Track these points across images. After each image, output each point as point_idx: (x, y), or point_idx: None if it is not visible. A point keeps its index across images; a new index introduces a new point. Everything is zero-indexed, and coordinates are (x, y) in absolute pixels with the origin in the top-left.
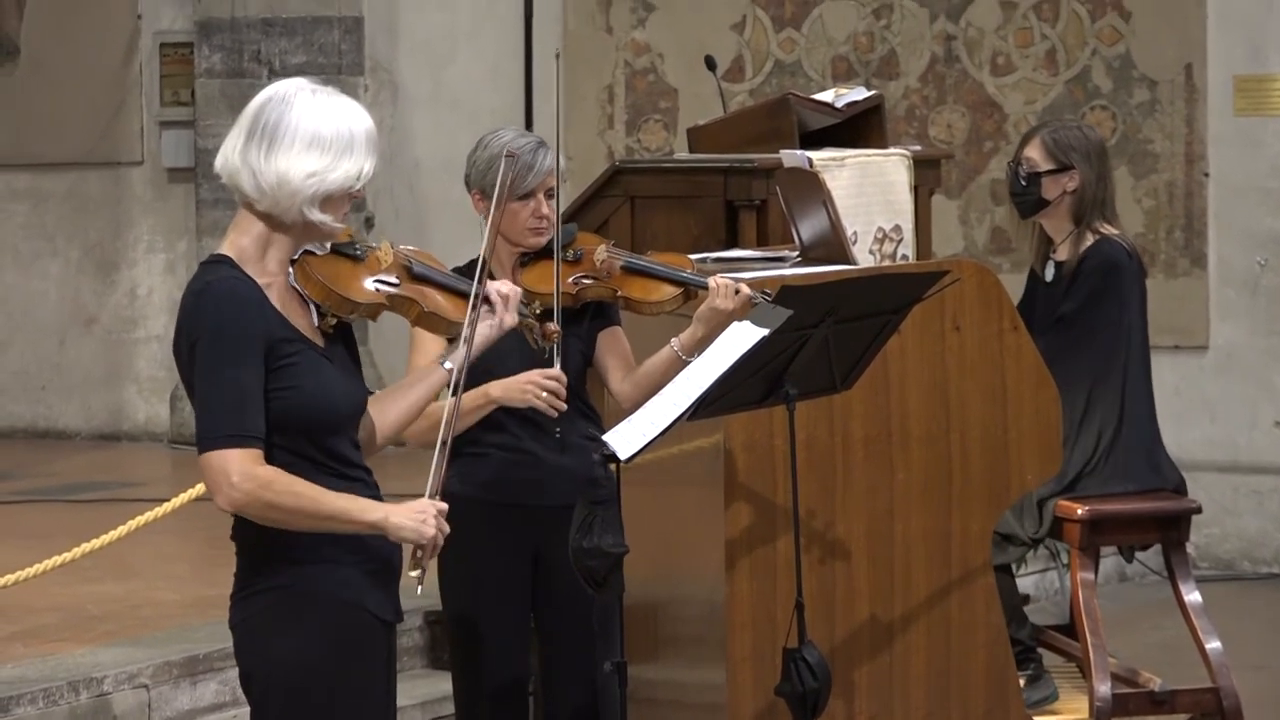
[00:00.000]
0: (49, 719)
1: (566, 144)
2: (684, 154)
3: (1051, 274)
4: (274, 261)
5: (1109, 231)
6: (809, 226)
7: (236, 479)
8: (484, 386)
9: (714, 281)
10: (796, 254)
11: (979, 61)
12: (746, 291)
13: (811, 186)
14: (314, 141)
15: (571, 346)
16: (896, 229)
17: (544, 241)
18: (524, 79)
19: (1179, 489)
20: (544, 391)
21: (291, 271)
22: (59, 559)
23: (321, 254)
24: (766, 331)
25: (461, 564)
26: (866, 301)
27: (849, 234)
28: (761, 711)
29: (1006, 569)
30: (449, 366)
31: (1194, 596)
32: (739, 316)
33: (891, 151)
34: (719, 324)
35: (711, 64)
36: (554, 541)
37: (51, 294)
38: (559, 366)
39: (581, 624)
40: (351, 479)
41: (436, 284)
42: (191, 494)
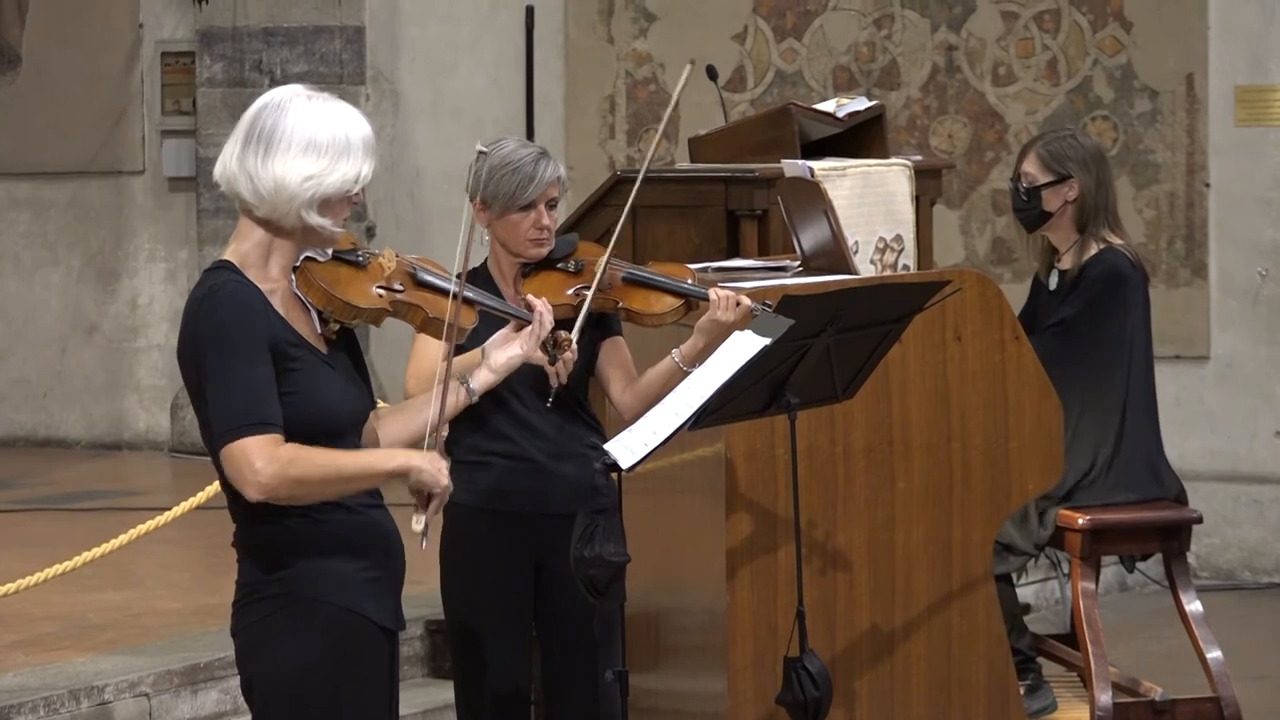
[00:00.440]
0: None
1: (568, 154)
2: (685, 164)
3: (1055, 282)
4: (276, 268)
5: (1113, 240)
6: (810, 236)
7: (260, 464)
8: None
9: (714, 293)
10: (798, 264)
11: (980, 72)
12: (747, 303)
13: (813, 196)
14: (310, 146)
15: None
16: (898, 239)
17: (545, 253)
18: (525, 89)
19: (1180, 498)
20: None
21: (294, 278)
22: (60, 567)
23: (324, 260)
24: (768, 341)
25: (463, 572)
26: (868, 311)
27: (850, 244)
28: None
29: (1006, 578)
30: (472, 388)
31: (1195, 606)
32: (740, 328)
33: (893, 161)
34: (720, 336)
35: (713, 74)
36: (555, 550)
37: (53, 303)
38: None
39: (583, 633)
40: None
41: (441, 290)
42: (192, 503)
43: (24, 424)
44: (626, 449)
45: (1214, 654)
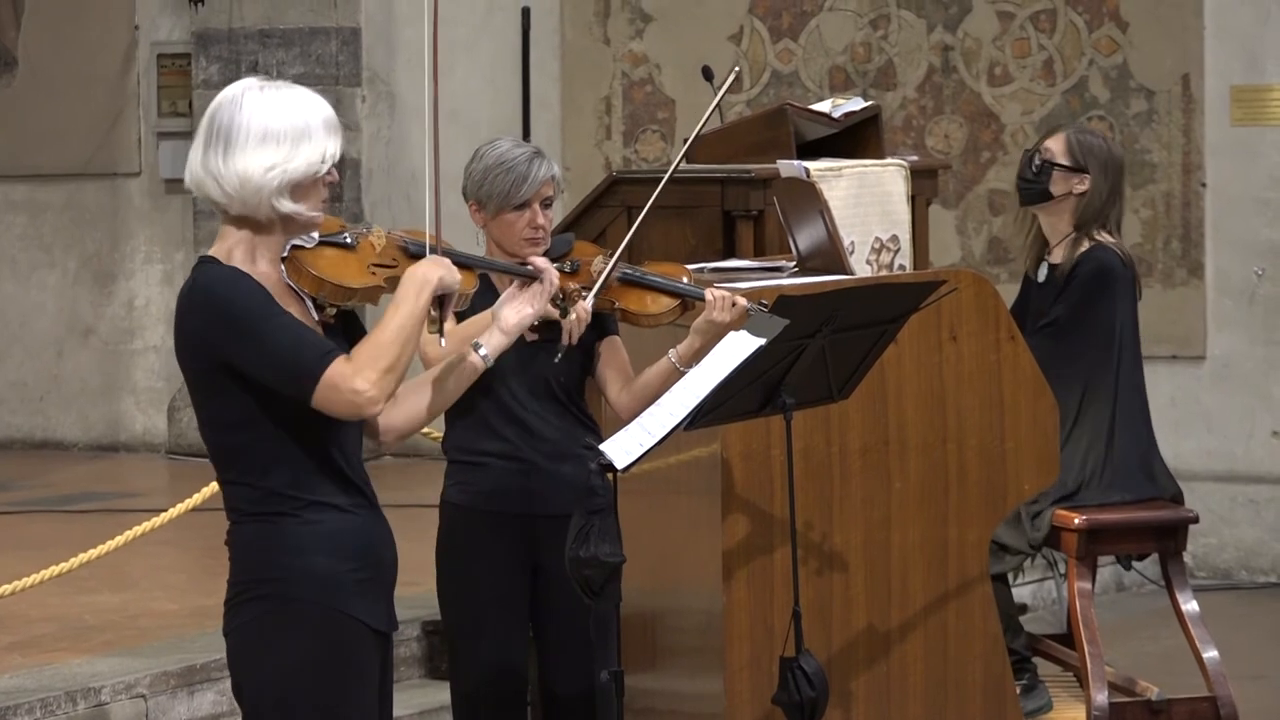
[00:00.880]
0: None
1: (564, 155)
2: (681, 164)
3: (1044, 275)
4: (264, 263)
5: (1105, 239)
6: (806, 236)
7: (358, 384)
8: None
9: (710, 294)
10: (794, 264)
11: (976, 72)
12: (743, 304)
13: (808, 196)
14: (267, 135)
15: (569, 358)
16: (894, 239)
17: (540, 252)
18: (521, 90)
19: (1176, 498)
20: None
21: (284, 269)
22: (56, 569)
23: (311, 245)
24: (763, 341)
25: (459, 573)
26: (863, 311)
27: (846, 244)
28: None
29: (1002, 578)
30: (484, 353)
31: (1191, 606)
32: (736, 328)
33: (889, 162)
34: (716, 336)
35: (708, 74)
36: (551, 551)
37: (49, 305)
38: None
39: (578, 632)
40: (348, 485)
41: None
42: (189, 504)
43: (21, 426)
44: (622, 449)
45: (1210, 654)
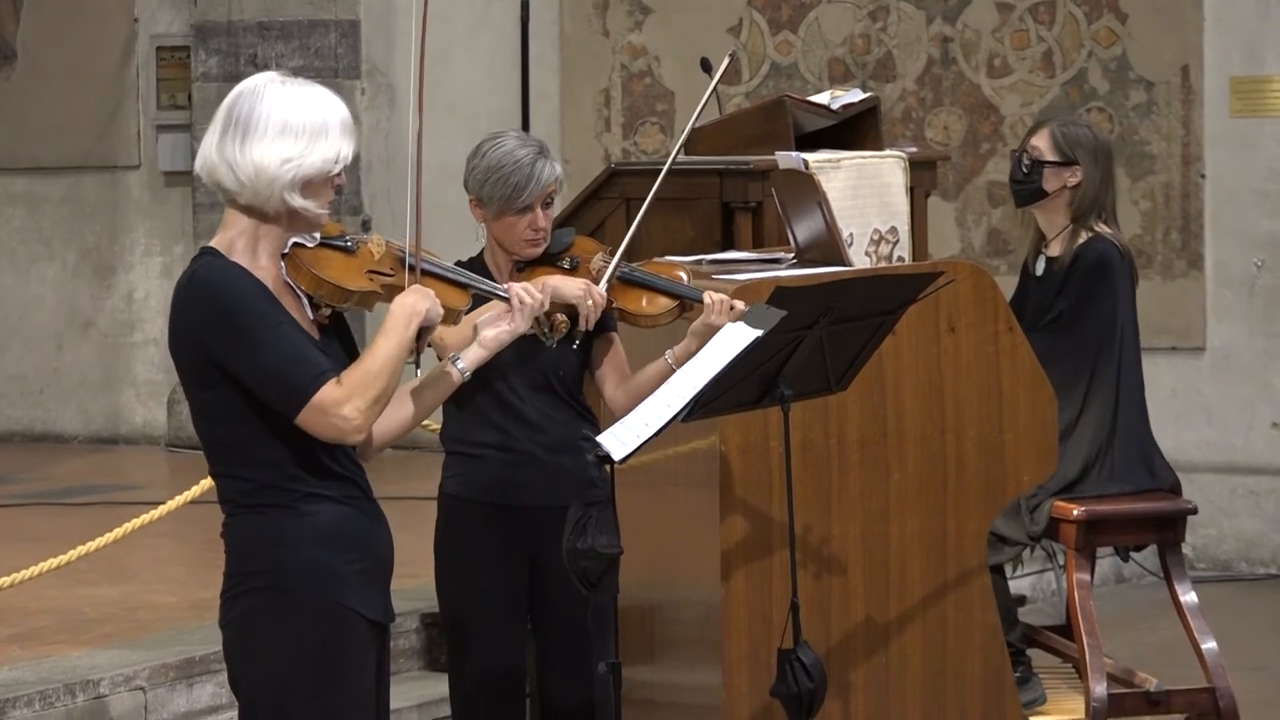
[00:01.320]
0: None
1: (563, 147)
2: (680, 156)
3: (1042, 268)
4: (264, 255)
5: (1103, 230)
6: (804, 228)
7: (346, 410)
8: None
9: (709, 297)
10: (792, 256)
11: (975, 63)
12: (741, 308)
13: (807, 188)
14: (286, 128)
15: (568, 354)
16: (893, 230)
17: (539, 252)
18: (520, 82)
19: (1174, 489)
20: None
21: (283, 265)
22: (55, 561)
23: (312, 245)
24: (760, 332)
25: (458, 565)
26: (861, 303)
27: (845, 236)
28: (758, 713)
29: (999, 569)
30: (461, 366)
31: (1190, 597)
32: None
33: (887, 153)
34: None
35: (706, 66)
36: (549, 542)
37: (48, 298)
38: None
39: (577, 625)
40: (341, 476)
41: (432, 274)
42: (188, 496)
43: (20, 419)
44: (618, 441)
45: (1209, 645)
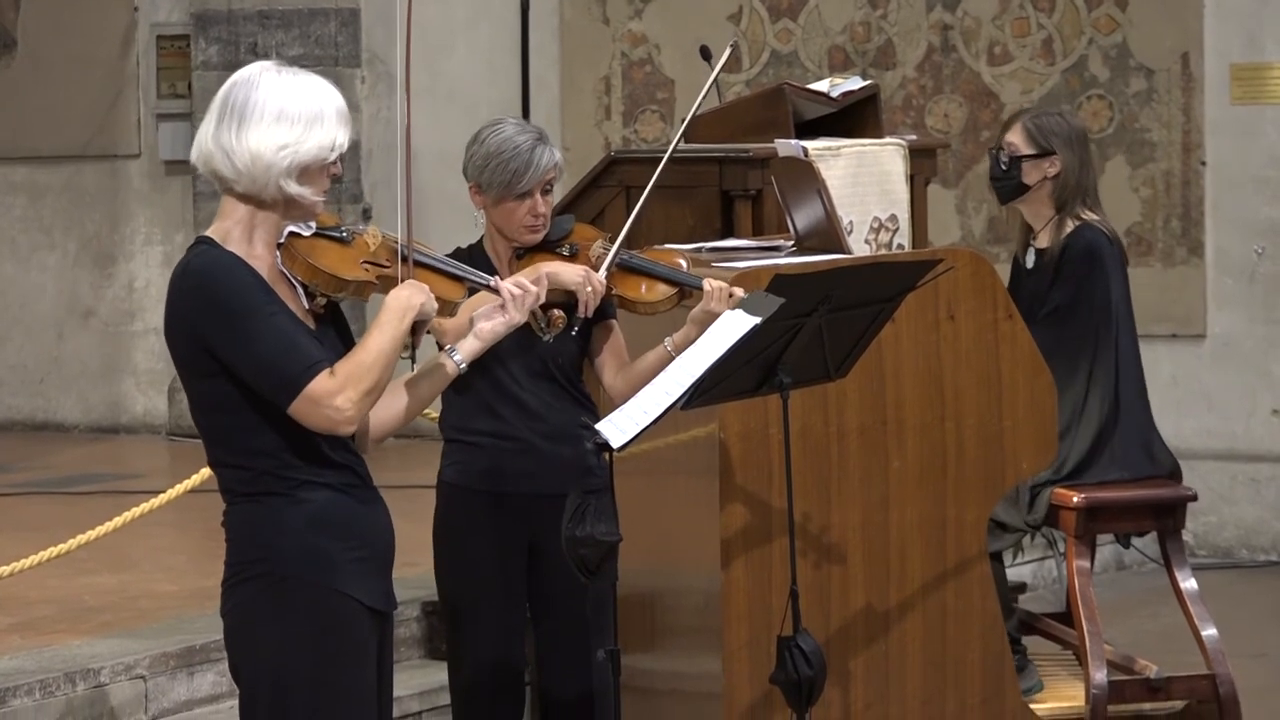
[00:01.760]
0: (45, 710)
1: (563, 136)
2: (680, 144)
3: (1033, 261)
4: (260, 244)
5: (1089, 217)
6: (804, 216)
7: (338, 401)
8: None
9: (709, 284)
10: (791, 243)
11: (976, 51)
12: (741, 295)
13: (806, 176)
14: (282, 115)
15: (567, 341)
16: (892, 218)
17: (539, 238)
18: (521, 71)
19: (1174, 474)
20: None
21: (279, 255)
22: (56, 550)
23: (308, 235)
24: (759, 320)
25: (456, 554)
26: (860, 290)
27: (844, 223)
28: (757, 700)
29: (998, 557)
30: (457, 358)
31: (1190, 584)
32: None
33: (887, 141)
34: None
35: (706, 54)
36: (548, 530)
37: (49, 287)
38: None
39: (576, 613)
40: (338, 464)
41: (427, 266)
42: (188, 485)
43: (21, 408)
44: (617, 428)
45: (1209, 631)
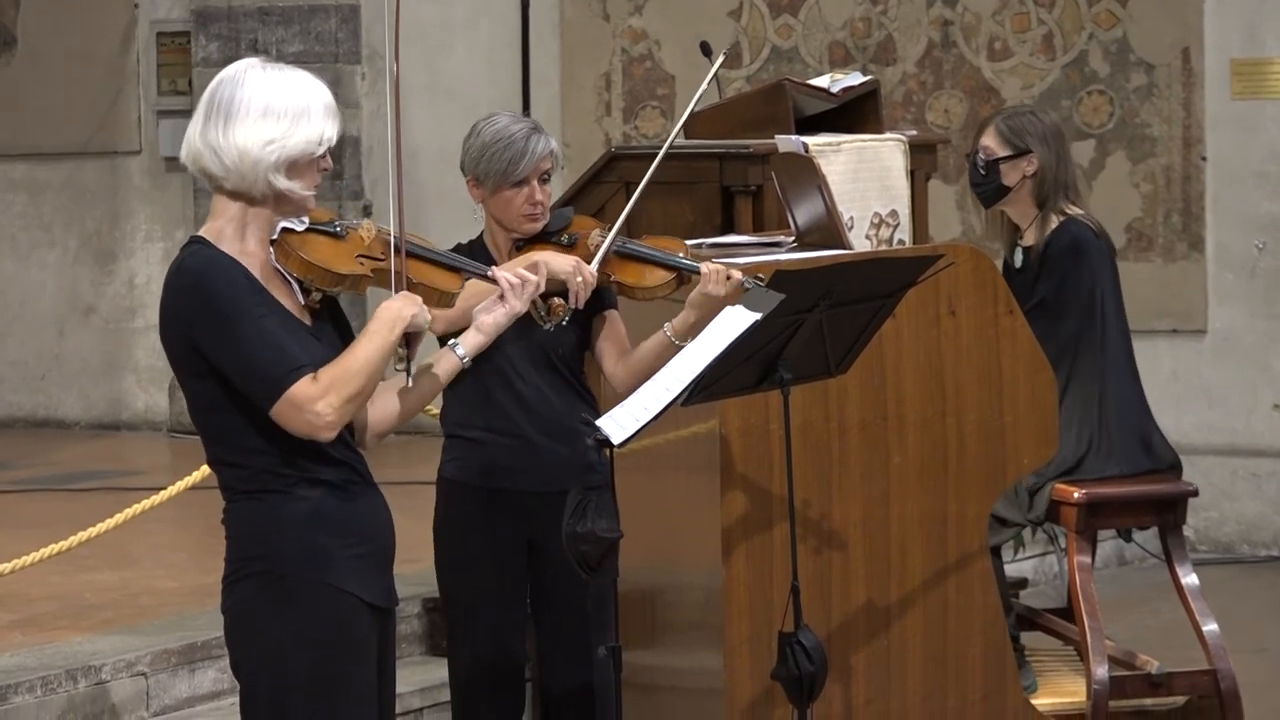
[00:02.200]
0: (47, 707)
1: (564, 132)
2: (680, 140)
3: (1020, 260)
4: (253, 241)
5: (1074, 212)
6: (804, 211)
7: (319, 406)
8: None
9: (706, 267)
10: (792, 239)
11: (976, 46)
12: (738, 276)
13: (807, 172)
14: (268, 111)
15: (568, 331)
16: (893, 214)
17: (538, 228)
18: (521, 68)
19: (1174, 466)
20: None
21: (272, 252)
22: (57, 547)
23: (301, 230)
24: (759, 315)
25: (458, 549)
26: (861, 285)
27: (845, 219)
28: (759, 696)
29: (996, 551)
30: (461, 352)
31: (1191, 579)
32: (731, 301)
33: (887, 136)
34: (711, 309)
35: (706, 50)
36: (549, 527)
37: (49, 284)
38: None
39: (577, 609)
40: (337, 461)
41: (424, 258)
42: (189, 482)
43: (22, 405)
44: (617, 424)
45: (1210, 627)
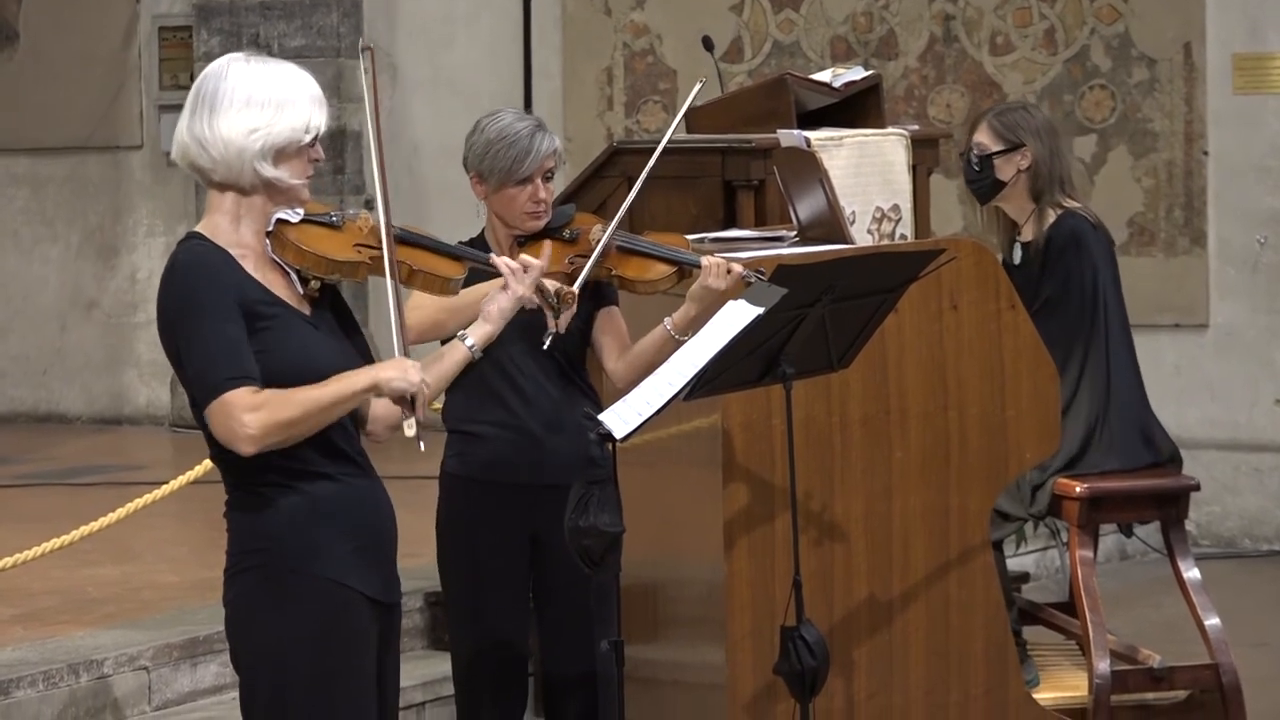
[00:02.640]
0: (49, 702)
1: (565, 126)
2: (682, 134)
3: (1020, 256)
4: (249, 233)
5: (1071, 205)
6: (806, 206)
7: (247, 417)
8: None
9: (706, 260)
10: (794, 234)
11: (978, 41)
12: (738, 270)
13: (809, 166)
14: (250, 101)
15: (569, 327)
16: (895, 208)
17: (541, 225)
18: (523, 62)
19: (1174, 459)
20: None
21: (268, 242)
22: (59, 541)
23: (296, 221)
24: (761, 310)
25: (460, 544)
26: (863, 280)
27: (847, 214)
28: (761, 690)
29: (997, 546)
30: (470, 343)
31: (1193, 574)
32: (732, 295)
33: (889, 131)
34: (712, 303)
35: (709, 45)
36: (552, 521)
37: (52, 279)
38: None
39: (579, 604)
40: (339, 455)
41: (424, 246)
42: (191, 476)
43: (24, 400)
44: (620, 419)
45: (1212, 621)
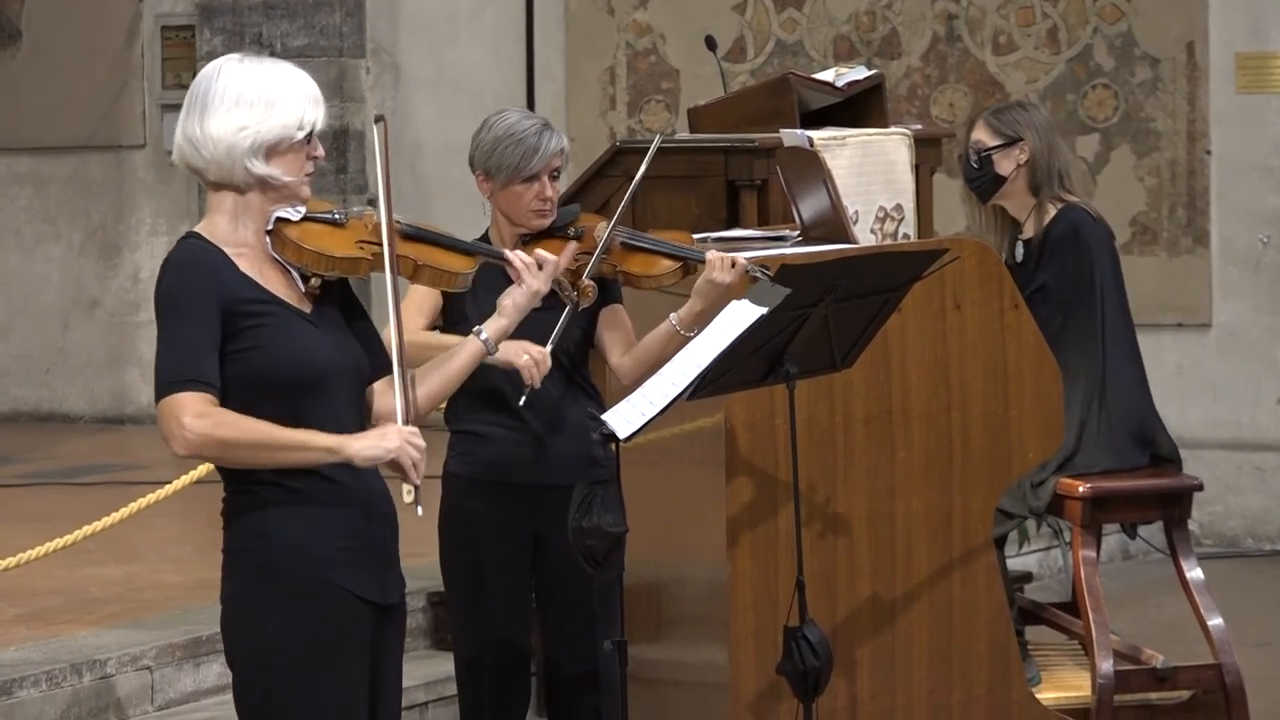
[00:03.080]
0: (52, 701)
1: (568, 125)
2: (685, 134)
3: (1021, 253)
4: (249, 232)
5: (1071, 199)
6: (809, 206)
7: (188, 420)
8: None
9: (711, 255)
10: (797, 233)
11: (981, 40)
12: (743, 264)
13: (812, 166)
14: (240, 99)
15: (572, 326)
16: (898, 208)
17: (547, 224)
18: (525, 61)
19: (1173, 456)
20: (526, 357)
21: (268, 241)
22: (62, 541)
23: (297, 219)
24: (765, 309)
25: (463, 544)
26: (866, 280)
27: (850, 213)
28: (764, 690)
29: (999, 543)
30: (485, 338)
31: (1196, 573)
32: (736, 290)
33: (892, 130)
34: (716, 298)
35: (712, 44)
36: (554, 521)
37: (54, 278)
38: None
39: (582, 604)
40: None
41: (430, 241)
42: (194, 476)
43: (26, 399)
44: (623, 419)
45: (1215, 621)
